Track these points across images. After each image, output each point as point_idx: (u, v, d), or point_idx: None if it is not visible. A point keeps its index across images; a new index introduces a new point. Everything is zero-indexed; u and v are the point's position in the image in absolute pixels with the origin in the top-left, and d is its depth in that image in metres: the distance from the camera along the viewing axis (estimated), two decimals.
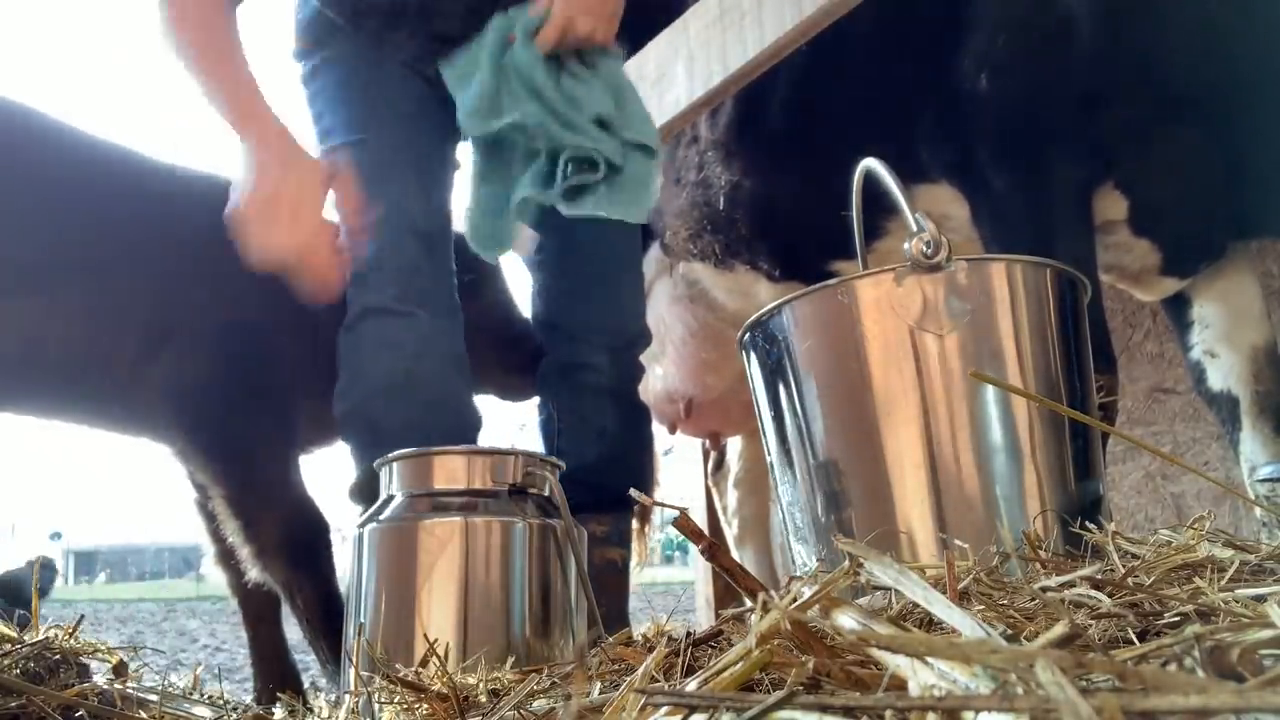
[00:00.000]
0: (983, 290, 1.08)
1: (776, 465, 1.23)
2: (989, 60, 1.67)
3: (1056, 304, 1.12)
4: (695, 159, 2.32)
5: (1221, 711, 0.29)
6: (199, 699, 1.10)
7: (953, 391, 1.06)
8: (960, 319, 1.06)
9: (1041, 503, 1.05)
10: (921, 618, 0.65)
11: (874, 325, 1.09)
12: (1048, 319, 1.11)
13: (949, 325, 1.06)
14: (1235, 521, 2.19)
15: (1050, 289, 1.13)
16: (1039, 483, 1.06)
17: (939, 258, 1.07)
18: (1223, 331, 1.76)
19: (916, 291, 1.07)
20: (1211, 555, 0.73)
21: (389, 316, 1.65)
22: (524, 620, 1.10)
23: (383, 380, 1.63)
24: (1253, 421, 1.70)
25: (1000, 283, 1.10)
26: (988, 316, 1.08)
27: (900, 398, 1.07)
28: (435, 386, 1.66)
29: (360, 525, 1.16)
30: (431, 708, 0.77)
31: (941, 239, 1.07)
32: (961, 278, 1.07)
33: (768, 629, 0.49)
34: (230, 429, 1.64)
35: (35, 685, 0.81)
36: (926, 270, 1.07)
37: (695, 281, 2.55)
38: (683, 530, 0.75)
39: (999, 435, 1.06)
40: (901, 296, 1.08)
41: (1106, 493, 1.17)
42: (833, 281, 1.14)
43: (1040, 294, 1.12)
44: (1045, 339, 1.10)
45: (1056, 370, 1.11)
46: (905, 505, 1.06)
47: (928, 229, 1.07)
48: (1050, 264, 1.13)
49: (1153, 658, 0.45)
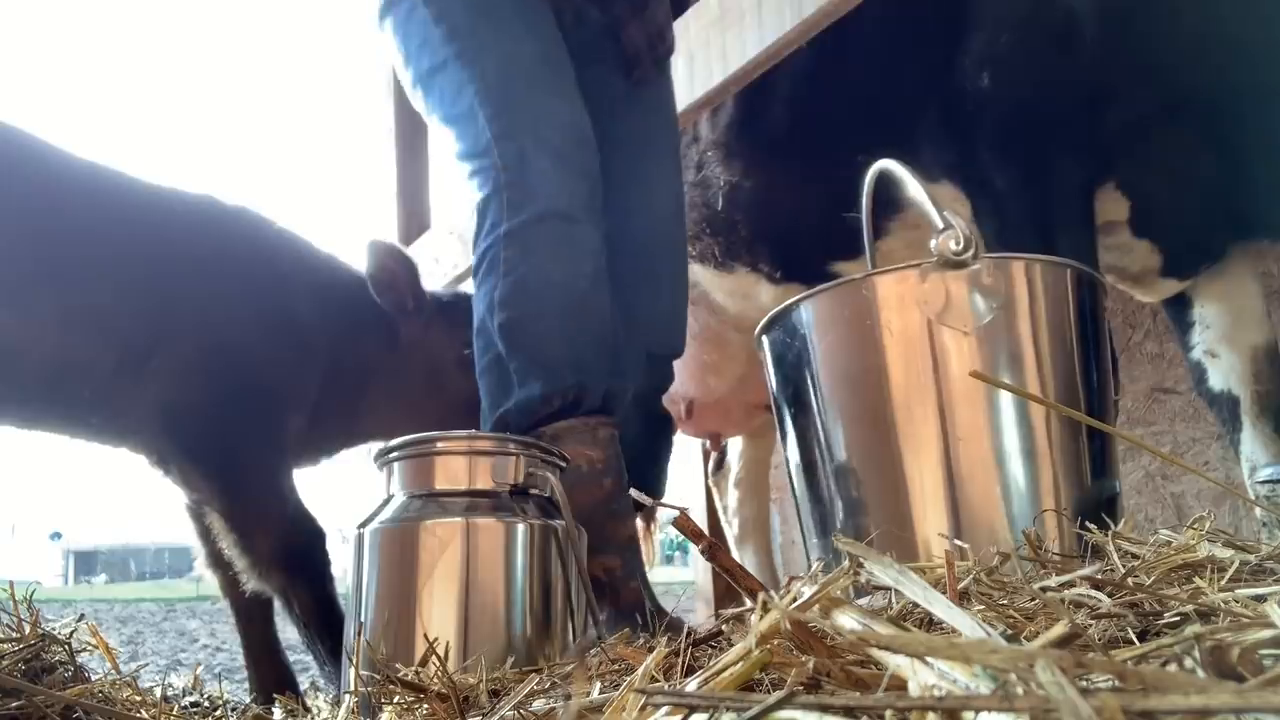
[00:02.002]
0: (1005, 288, 1.08)
1: (793, 462, 1.23)
2: (991, 59, 1.67)
3: (1076, 303, 1.13)
4: (694, 159, 2.32)
5: (1221, 711, 0.29)
6: (199, 699, 1.10)
7: (972, 389, 1.06)
8: (985, 316, 1.06)
9: (1057, 502, 1.05)
10: (921, 618, 0.65)
11: (895, 321, 1.09)
12: (1067, 318, 1.12)
13: (973, 322, 1.06)
14: (1235, 521, 2.19)
15: (1070, 288, 1.13)
16: (1055, 482, 1.06)
17: (968, 255, 1.07)
18: (1223, 332, 1.76)
19: (941, 288, 1.08)
20: (1211, 555, 0.73)
21: (567, 224, 1.53)
22: (524, 620, 1.10)
23: (556, 299, 1.51)
24: (1253, 421, 1.70)
25: (1021, 281, 1.10)
26: (1010, 314, 1.08)
27: (919, 394, 1.07)
28: (603, 318, 1.55)
29: (361, 525, 1.16)
30: (431, 708, 0.77)
31: (973, 236, 1.07)
32: (986, 275, 1.08)
33: (768, 629, 0.49)
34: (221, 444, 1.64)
35: (35, 685, 0.81)
36: (953, 267, 1.07)
37: (695, 284, 2.55)
38: (683, 530, 0.75)
39: (1016, 434, 1.06)
40: (926, 292, 1.08)
41: (1121, 491, 1.17)
42: (856, 276, 1.14)
43: (1059, 293, 1.12)
44: (1064, 338, 1.11)
45: (1075, 369, 1.11)
46: (922, 503, 1.06)
47: (957, 225, 1.07)
48: (1070, 264, 1.13)
49: (1153, 658, 0.45)
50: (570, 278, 1.52)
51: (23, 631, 0.95)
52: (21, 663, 0.88)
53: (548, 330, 1.50)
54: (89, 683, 0.92)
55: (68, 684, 0.89)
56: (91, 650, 1.02)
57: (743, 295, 2.42)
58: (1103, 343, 1.17)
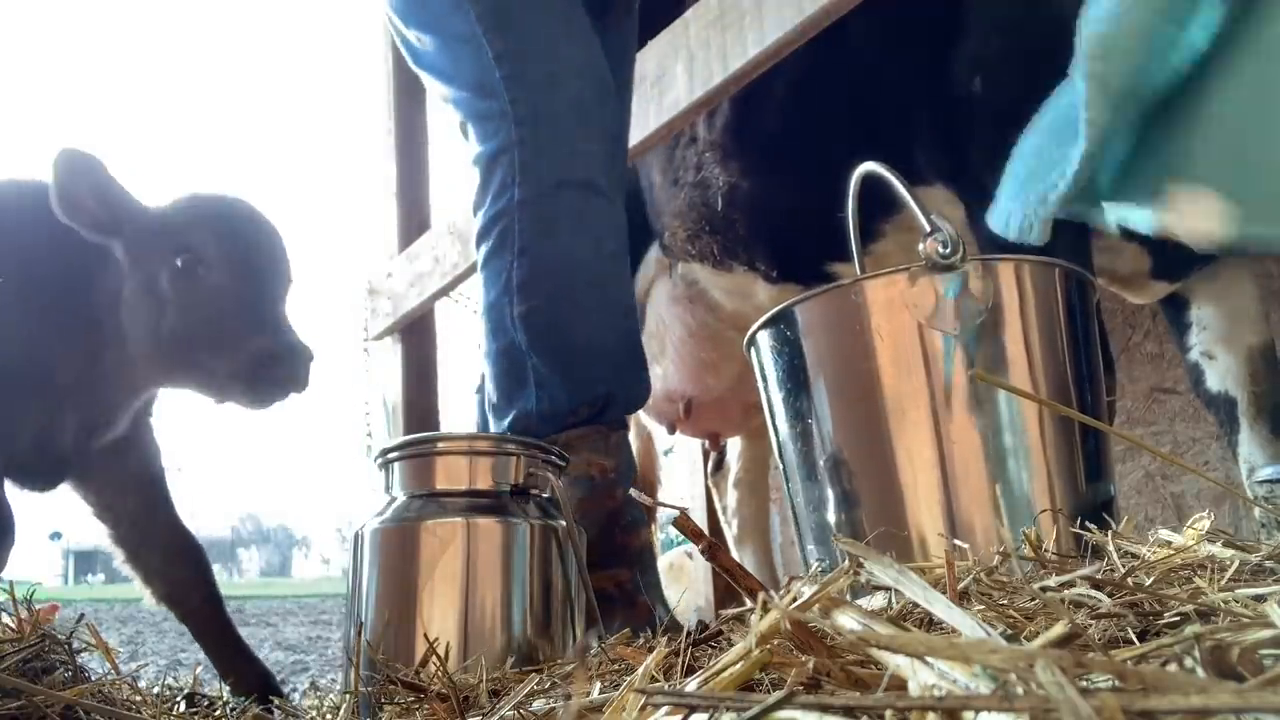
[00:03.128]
0: (994, 290, 1.09)
1: (787, 466, 1.23)
2: (983, 63, 1.68)
3: (1065, 303, 1.13)
4: (693, 159, 2.32)
5: (1221, 711, 0.29)
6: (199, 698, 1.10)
7: (964, 392, 1.06)
8: (974, 319, 1.07)
9: (1052, 502, 1.05)
10: (921, 618, 0.65)
11: (885, 325, 1.09)
12: (1057, 318, 1.12)
13: (962, 325, 1.07)
14: (1235, 521, 2.19)
15: (1059, 288, 1.13)
16: (1049, 483, 1.06)
17: (955, 258, 1.07)
18: (1220, 333, 1.76)
19: (930, 291, 1.08)
20: (1211, 555, 0.74)
21: (587, 194, 1.40)
22: (525, 620, 1.10)
23: (581, 288, 1.40)
24: (1250, 423, 1.70)
25: (1010, 282, 1.10)
26: (999, 316, 1.08)
27: (911, 398, 1.07)
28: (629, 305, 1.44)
29: (361, 525, 1.16)
30: (431, 708, 0.77)
31: (959, 239, 1.08)
32: (974, 277, 1.08)
33: (768, 629, 0.50)
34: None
35: (35, 685, 0.81)
36: (941, 270, 1.08)
37: (694, 282, 2.55)
38: (683, 530, 0.75)
39: (1010, 435, 1.06)
40: (915, 296, 1.08)
41: (1117, 492, 1.17)
42: (845, 282, 1.14)
43: (1049, 293, 1.12)
44: (1055, 338, 1.11)
45: (1066, 369, 1.11)
46: (916, 506, 1.07)
47: (944, 229, 1.08)
48: (1059, 264, 1.13)
49: (1153, 658, 0.45)
50: (594, 259, 1.40)
51: (23, 631, 0.95)
52: (21, 663, 0.88)
53: (573, 325, 1.39)
54: (89, 683, 0.92)
55: (68, 684, 0.89)
56: (91, 650, 1.02)
57: (741, 294, 2.42)
58: (1093, 342, 1.17)
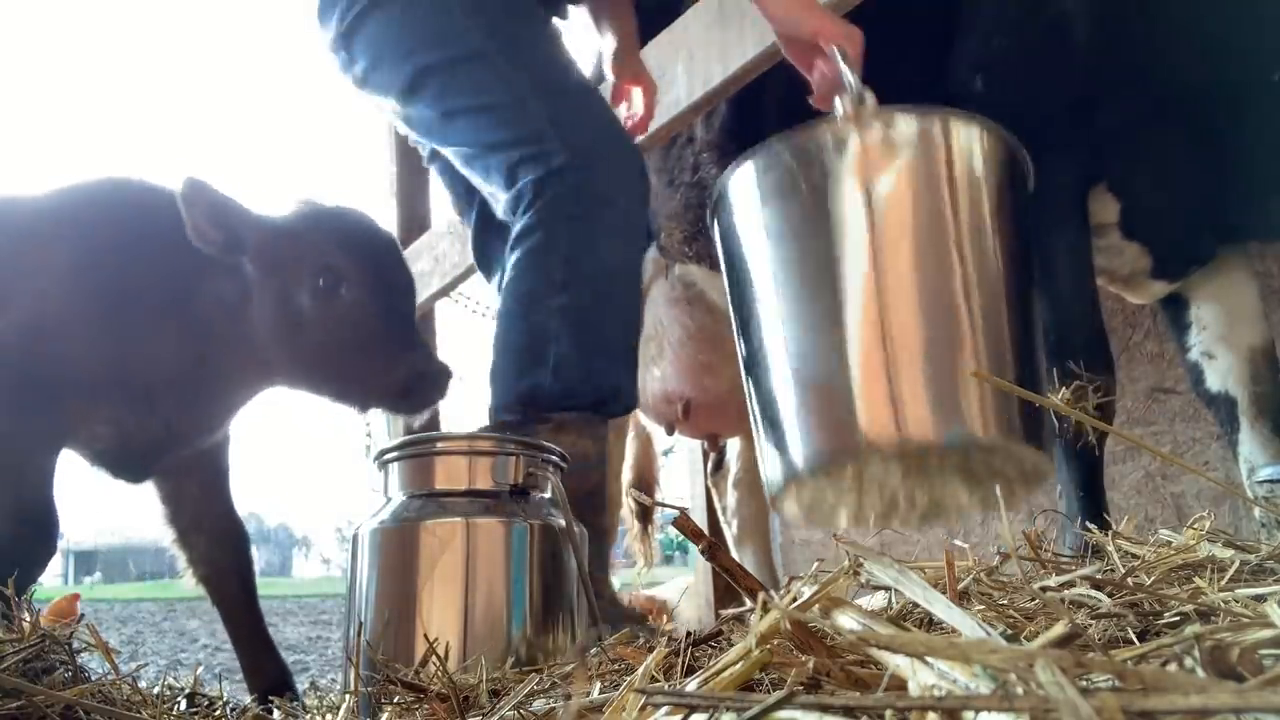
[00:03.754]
0: (916, 142, 1.10)
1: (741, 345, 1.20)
2: (984, 62, 1.68)
3: (993, 163, 1.13)
4: (690, 160, 2.32)
5: (1221, 711, 0.29)
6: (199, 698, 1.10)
7: (892, 244, 1.06)
8: (891, 171, 1.08)
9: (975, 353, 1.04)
10: (921, 618, 0.65)
11: (805, 182, 1.10)
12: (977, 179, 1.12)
13: (882, 175, 1.08)
14: (1235, 521, 2.19)
15: (981, 145, 1.13)
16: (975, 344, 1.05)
17: (865, 105, 1.12)
18: (1220, 333, 1.76)
19: (850, 142, 1.09)
20: (1211, 555, 0.74)
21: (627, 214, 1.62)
22: (525, 620, 1.10)
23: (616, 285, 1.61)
24: (1250, 422, 1.70)
25: (934, 135, 1.11)
26: (923, 167, 1.10)
27: (843, 252, 1.07)
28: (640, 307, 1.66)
29: (360, 525, 1.16)
30: (431, 708, 0.77)
31: (864, 90, 1.14)
32: (893, 127, 1.10)
33: (768, 629, 0.50)
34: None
35: (35, 685, 0.81)
36: (856, 121, 1.10)
37: (691, 283, 2.55)
38: (683, 530, 0.75)
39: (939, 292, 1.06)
40: (835, 146, 1.10)
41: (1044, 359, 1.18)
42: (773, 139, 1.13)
43: (972, 151, 1.12)
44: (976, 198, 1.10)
45: (988, 230, 1.10)
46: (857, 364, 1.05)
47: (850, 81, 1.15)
48: (980, 119, 1.13)
49: (1153, 658, 0.45)
50: (626, 265, 1.63)
51: (23, 631, 0.95)
52: (22, 663, 0.88)
53: (604, 324, 1.58)
54: (89, 683, 0.92)
55: (68, 684, 0.89)
56: (91, 650, 1.02)
57: None
58: (1021, 213, 1.16)
